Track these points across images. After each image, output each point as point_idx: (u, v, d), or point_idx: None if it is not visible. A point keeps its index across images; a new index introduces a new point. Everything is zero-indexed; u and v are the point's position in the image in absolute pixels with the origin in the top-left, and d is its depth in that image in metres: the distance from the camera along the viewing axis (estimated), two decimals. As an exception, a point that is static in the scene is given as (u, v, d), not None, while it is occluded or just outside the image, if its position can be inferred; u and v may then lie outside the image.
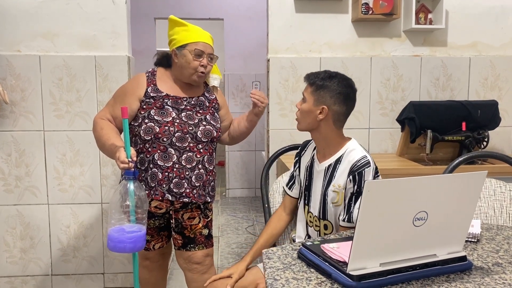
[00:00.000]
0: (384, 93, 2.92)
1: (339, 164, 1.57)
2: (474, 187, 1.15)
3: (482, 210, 1.79)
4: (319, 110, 1.56)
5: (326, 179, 1.60)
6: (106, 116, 1.92)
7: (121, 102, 1.90)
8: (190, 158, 1.88)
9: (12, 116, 2.58)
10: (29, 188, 2.64)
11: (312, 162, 1.68)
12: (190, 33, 1.90)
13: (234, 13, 4.97)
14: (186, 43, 1.88)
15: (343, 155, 1.58)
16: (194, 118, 1.91)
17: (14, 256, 2.68)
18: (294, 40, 2.84)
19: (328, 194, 1.58)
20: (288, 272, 1.14)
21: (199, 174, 1.91)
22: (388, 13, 2.76)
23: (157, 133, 1.84)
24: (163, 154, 1.85)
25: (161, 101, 1.89)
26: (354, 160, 1.52)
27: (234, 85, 5.05)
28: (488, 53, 2.95)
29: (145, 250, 2.05)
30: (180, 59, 1.89)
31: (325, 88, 1.56)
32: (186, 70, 1.89)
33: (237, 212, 4.61)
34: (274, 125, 2.88)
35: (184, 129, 1.87)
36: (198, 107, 1.95)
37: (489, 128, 2.76)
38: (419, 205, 1.07)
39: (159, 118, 1.86)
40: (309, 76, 1.61)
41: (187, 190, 1.89)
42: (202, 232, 2.02)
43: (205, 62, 1.89)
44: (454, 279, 1.11)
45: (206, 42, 1.91)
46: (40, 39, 2.56)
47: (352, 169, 1.51)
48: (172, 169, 1.86)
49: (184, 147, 1.87)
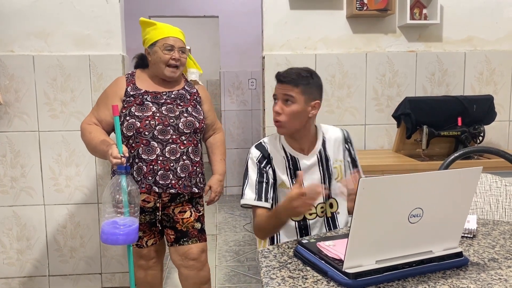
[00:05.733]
0: (380, 89, 2.91)
1: (326, 144, 1.68)
2: (470, 183, 1.15)
3: (478, 205, 1.79)
4: (311, 106, 1.58)
5: (323, 164, 1.65)
6: (92, 121, 1.98)
7: (104, 105, 1.96)
8: (173, 150, 1.92)
9: (7, 117, 2.56)
10: (24, 189, 2.63)
11: (293, 160, 1.64)
12: (159, 30, 1.99)
13: (229, 10, 4.95)
14: (156, 40, 1.97)
15: (325, 137, 1.69)
16: (175, 111, 1.96)
17: (11, 257, 2.67)
18: (289, 37, 2.83)
19: (331, 171, 1.66)
20: (284, 270, 1.14)
21: (184, 165, 1.94)
22: (382, 8, 2.75)
23: (138, 127, 1.89)
24: (146, 148, 1.89)
25: (141, 97, 1.95)
26: (341, 134, 1.71)
27: (230, 82, 5.03)
28: (483, 48, 2.95)
29: (138, 247, 2.06)
30: (152, 56, 1.99)
31: (311, 85, 1.58)
32: (159, 65, 1.97)
33: (234, 209, 4.61)
34: (270, 122, 2.87)
35: (165, 121, 1.91)
36: (178, 100, 2.00)
37: (484, 123, 2.77)
38: (415, 201, 1.07)
39: (140, 113, 1.91)
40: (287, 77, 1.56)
41: (173, 181, 1.92)
42: (194, 225, 2.04)
43: (177, 55, 1.97)
44: (450, 275, 1.11)
45: (175, 37, 1.99)
46: (34, 39, 2.55)
47: (345, 140, 1.71)
48: (156, 162, 1.89)
49: (167, 140, 1.91)
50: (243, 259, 3.26)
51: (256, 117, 5.03)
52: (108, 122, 1.96)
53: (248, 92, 5.08)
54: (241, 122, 5.06)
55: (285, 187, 1.66)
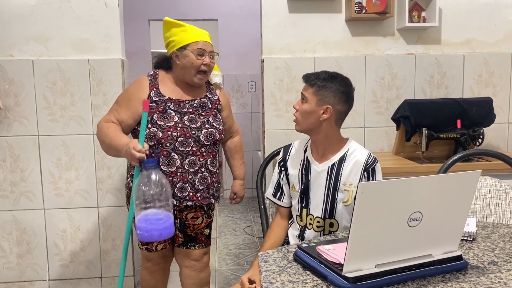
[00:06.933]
0: (379, 92, 2.92)
1: (344, 162, 1.61)
2: (469, 186, 1.15)
3: (477, 208, 1.80)
4: (323, 110, 1.57)
5: (331, 178, 1.61)
6: (111, 120, 1.91)
7: (126, 106, 1.90)
8: (193, 162, 1.89)
9: (6, 121, 2.57)
10: (24, 193, 2.63)
11: (307, 164, 1.67)
12: (189, 33, 1.90)
13: (228, 14, 4.96)
14: (187, 43, 1.88)
15: (346, 154, 1.62)
16: (196, 122, 1.91)
17: (10, 262, 2.67)
18: (288, 40, 2.84)
19: (338, 193, 1.60)
20: (283, 275, 1.14)
21: (203, 177, 1.92)
22: (381, 11, 2.76)
23: (160, 138, 1.84)
24: (166, 159, 1.86)
25: (164, 105, 1.89)
26: (364, 158, 1.60)
27: (229, 85, 5.04)
28: (482, 50, 2.95)
29: (147, 251, 2.05)
30: (182, 60, 1.89)
31: (328, 88, 1.56)
32: (189, 70, 1.89)
33: (234, 212, 4.61)
34: (270, 125, 2.88)
35: (187, 133, 1.87)
36: (200, 109, 1.95)
37: (484, 125, 2.77)
38: (414, 205, 1.07)
39: (162, 122, 1.86)
40: (309, 77, 1.60)
41: (191, 193, 1.89)
42: (203, 231, 2.05)
43: (208, 61, 1.90)
44: (450, 279, 1.11)
45: (206, 41, 1.92)
46: (33, 43, 2.55)
47: (366, 167, 1.59)
48: (176, 174, 1.86)
49: (187, 151, 1.87)
50: (243, 262, 3.26)
51: (255, 120, 5.03)
52: (128, 124, 1.90)
53: (248, 95, 5.09)
54: (241, 125, 5.06)
55: (294, 190, 1.69)
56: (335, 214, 1.62)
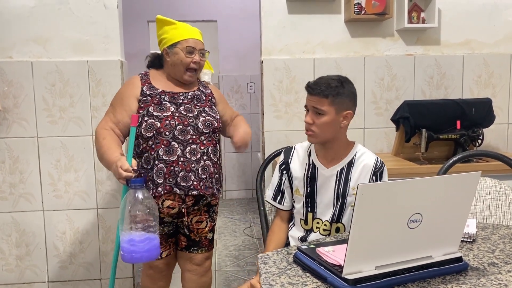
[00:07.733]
0: (378, 92, 2.92)
1: (353, 166, 1.61)
2: (468, 188, 1.15)
3: (477, 209, 1.79)
4: (343, 116, 1.56)
5: (340, 183, 1.60)
6: (108, 125, 1.89)
7: (120, 105, 1.89)
8: (194, 150, 1.87)
9: (5, 123, 2.56)
10: (23, 195, 2.62)
11: (313, 169, 1.65)
12: (180, 30, 1.92)
13: (227, 15, 4.96)
14: (177, 41, 1.90)
15: (355, 158, 1.62)
16: (193, 111, 1.91)
17: (10, 264, 2.66)
18: (288, 41, 2.84)
19: (347, 197, 1.60)
20: (283, 277, 1.14)
21: (205, 165, 1.90)
22: (380, 12, 2.76)
23: (158, 128, 1.83)
24: (167, 148, 1.83)
25: (158, 97, 1.89)
26: (373, 162, 1.61)
27: (229, 86, 5.04)
28: (481, 51, 2.95)
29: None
30: (172, 57, 1.91)
31: (342, 94, 1.53)
32: (179, 67, 1.91)
33: (234, 214, 4.60)
34: (269, 127, 2.88)
35: (185, 121, 1.86)
36: (195, 100, 1.96)
37: (483, 126, 2.77)
38: (414, 207, 1.07)
39: (159, 113, 1.85)
40: (317, 89, 1.53)
41: (195, 182, 1.86)
42: (207, 236, 2.04)
43: (197, 58, 1.92)
44: (450, 280, 1.10)
45: (196, 38, 1.93)
46: (32, 44, 2.55)
47: (375, 171, 1.60)
48: (177, 163, 1.83)
49: (187, 140, 1.86)
50: (243, 264, 3.26)
51: (255, 121, 5.03)
52: (125, 124, 1.88)
53: (247, 96, 5.09)
54: (240, 126, 5.05)
55: (299, 194, 1.68)
56: (342, 218, 1.62)
